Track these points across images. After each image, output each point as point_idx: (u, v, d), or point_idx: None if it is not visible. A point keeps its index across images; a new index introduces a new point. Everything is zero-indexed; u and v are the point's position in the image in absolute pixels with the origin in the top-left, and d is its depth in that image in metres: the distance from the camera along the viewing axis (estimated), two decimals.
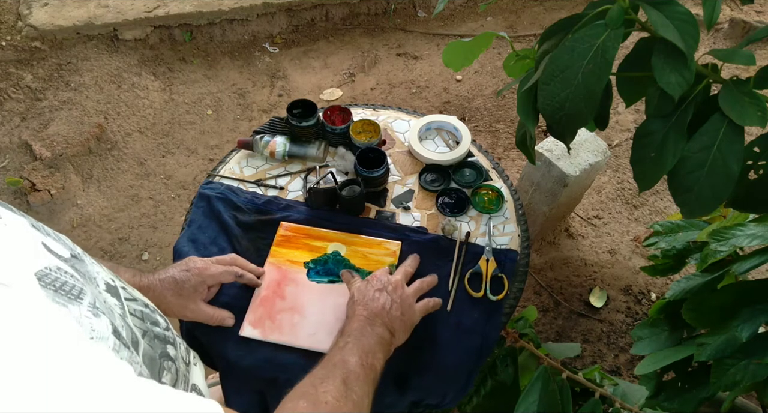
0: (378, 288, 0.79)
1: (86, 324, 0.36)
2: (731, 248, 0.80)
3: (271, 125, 1.12)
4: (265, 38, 2.50)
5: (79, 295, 0.38)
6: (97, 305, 0.39)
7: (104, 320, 0.38)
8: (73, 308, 0.36)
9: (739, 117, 0.57)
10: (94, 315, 0.37)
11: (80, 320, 0.35)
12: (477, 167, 1.10)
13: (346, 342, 0.69)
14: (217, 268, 0.83)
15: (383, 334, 0.72)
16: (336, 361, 0.64)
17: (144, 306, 0.53)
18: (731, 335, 0.73)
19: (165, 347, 0.52)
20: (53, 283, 0.36)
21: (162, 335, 0.53)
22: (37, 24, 2.23)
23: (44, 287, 0.35)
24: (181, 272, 0.80)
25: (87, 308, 0.37)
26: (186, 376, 0.56)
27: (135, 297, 0.52)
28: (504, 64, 0.92)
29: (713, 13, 0.60)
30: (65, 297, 0.36)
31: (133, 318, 0.48)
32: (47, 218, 1.89)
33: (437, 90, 2.32)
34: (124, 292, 0.49)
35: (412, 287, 0.84)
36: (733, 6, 2.56)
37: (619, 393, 0.99)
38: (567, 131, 0.67)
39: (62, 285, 0.37)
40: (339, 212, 1.02)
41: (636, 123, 2.18)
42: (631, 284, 1.74)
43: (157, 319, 0.54)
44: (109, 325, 0.39)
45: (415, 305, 0.81)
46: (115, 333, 0.39)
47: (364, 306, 0.76)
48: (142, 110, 2.21)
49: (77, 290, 0.38)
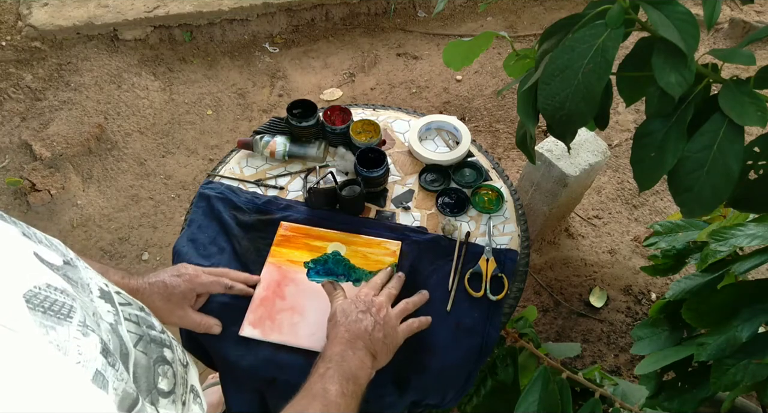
0: (361, 310, 0.77)
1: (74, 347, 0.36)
2: (731, 248, 0.80)
3: (271, 125, 1.12)
4: (265, 38, 2.50)
5: (68, 314, 0.37)
6: (87, 323, 0.39)
7: (93, 338, 0.38)
8: (61, 330, 0.36)
9: (739, 117, 0.57)
10: (83, 335, 0.37)
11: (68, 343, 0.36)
12: (477, 167, 1.10)
13: (327, 367, 0.67)
14: (208, 277, 0.83)
15: (365, 358, 0.71)
16: (316, 391, 0.63)
17: (139, 310, 0.52)
18: (731, 335, 0.73)
19: (161, 351, 0.52)
20: (42, 304, 0.36)
21: (158, 338, 0.53)
22: (37, 24, 2.23)
23: (32, 310, 0.35)
24: (171, 277, 0.79)
25: (76, 327, 0.37)
26: (184, 378, 0.56)
27: (129, 301, 0.52)
28: (504, 64, 0.92)
29: (713, 13, 0.60)
30: (54, 318, 0.36)
31: (129, 324, 0.48)
32: (47, 218, 1.89)
33: (437, 90, 2.32)
34: (118, 297, 0.49)
35: (396, 309, 0.81)
36: (733, 6, 2.56)
37: (619, 393, 0.99)
38: (567, 130, 0.67)
39: (51, 305, 0.37)
40: (339, 212, 1.02)
41: (636, 123, 2.18)
42: (631, 284, 1.74)
43: (153, 323, 0.54)
44: (98, 344, 0.38)
45: (398, 327, 0.79)
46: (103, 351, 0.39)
47: (347, 328, 0.74)
48: (142, 110, 2.21)
49: (67, 309, 0.38)
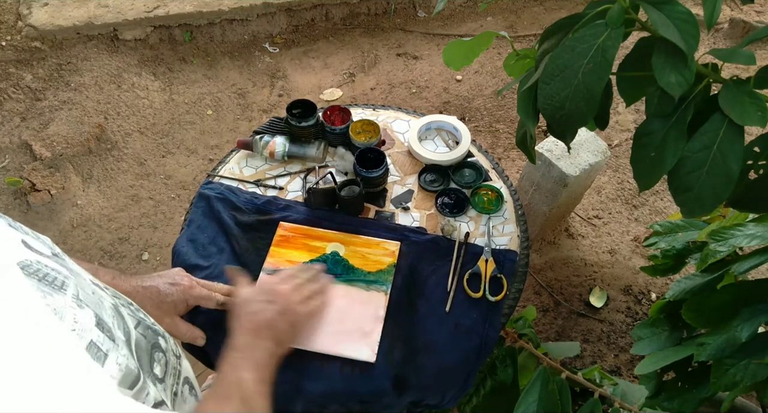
0: (264, 300, 0.77)
1: (69, 314, 0.36)
2: (731, 248, 0.80)
3: (271, 125, 1.12)
4: (265, 38, 2.50)
5: (62, 286, 0.38)
6: (80, 297, 0.39)
7: (88, 312, 0.39)
8: (58, 297, 0.36)
9: (739, 117, 0.57)
10: (78, 306, 0.38)
11: (64, 309, 0.36)
12: (477, 167, 1.09)
13: (237, 357, 0.68)
14: (201, 291, 0.82)
15: (271, 347, 0.71)
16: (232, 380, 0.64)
17: (129, 305, 0.53)
18: (731, 335, 0.73)
19: (156, 338, 0.53)
20: (36, 273, 0.36)
21: (153, 327, 0.54)
22: (37, 24, 2.23)
23: (28, 276, 0.35)
24: (166, 284, 0.79)
25: (71, 298, 0.38)
26: (177, 369, 0.56)
27: (118, 296, 0.53)
28: (504, 64, 0.92)
29: (713, 13, 0.60)
30: (50, 287, 0.37)
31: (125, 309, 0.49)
32: (47, 218, 1.89)
33: (437, 90, 2.32)
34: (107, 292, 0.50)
35: (296, 295, 0.81)
36: (733, 6, 2.56)
37: (618, 393, 0.99)
38: (567, 130, 0.67)
39: (45, 276, 0.37)
40: (338, 212, 1.02)
41: (636, 123, 2.18)
42: (631, 284, 1.74)
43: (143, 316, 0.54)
44: (93, 317, 0.39)
45: (302, 314, 0.80)
46: (98, 325, 0.39)
47: (250, 319, 0.74)
48: (142, 110, 2.21)
49: (60, 282, 0.38)
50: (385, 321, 0.88)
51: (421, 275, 0.94)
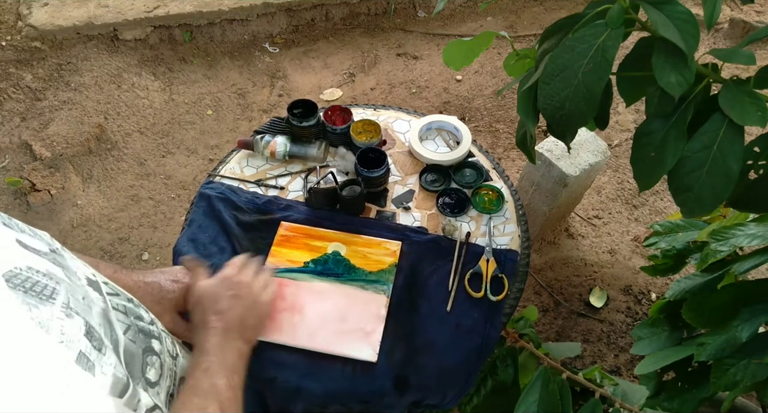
0: (231, 295, 0.74)
1: (56, 326, 0.36)
2: (731, 248, 0.80)
3: (272, 125, 1.12)
4: (265, 38, 2.50)
5: (51, 295, 0.37)
6: (71, 306, 0.39)
7: (77, 321, 0.38)
8: (44, 309, 0.36)
9: (739, 117, 0.57)
10: (66, 316, 0.37)
11: (50, 322, 0.35)
12: (477, 167, 1.10)
13: (210, 362, 0.65)
14: None
15: (241, 347, 0.70)
16: (206, 388, 0.62)
17: (127, 301, 0.53)
18: (731, 335, 0.73)
19: (149, 341, 0.52)
20: (23, 284, 0.36)
21: (146, 329, 0.53)
22: (37, 24, 2.23)
23: (13, 288, 0.35)
24: (168, 281, 0.78)
25: (60, 308, 0.37)
26: (173, 370, 0.56)
27: (117, 292, 0.52)
28: (504, 64, 0.92)
29: (713, 13, 0.60)
30: (36, 298, 0.36)
31: (117, 313, 0.48)
32: (47, 218, 1.89)
33: (437, 90, 2.32)
34: (105, 287, 0.49)
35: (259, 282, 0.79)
36: (733, 6, 2.56)
37: (619, 393, 0.99)
38: (567, 130, 0.67)
39: (33, 286, 0.36)
40: (339, 212, 1.02)
41: (636, 123, 2.18)
42: (631, 284, 1.74)
43: (141, 314, 0.54)
44: (82, 326, 0.38)
45: (266, 304, 0.78)
46: (88, 334, 0.38)
47: (219, 317, 0.71)
48: (142, 110, 2.21)
49: (49, 291, 0.38)
50: (387, 321, 0.88)
51: (423, 275, 0.94)
